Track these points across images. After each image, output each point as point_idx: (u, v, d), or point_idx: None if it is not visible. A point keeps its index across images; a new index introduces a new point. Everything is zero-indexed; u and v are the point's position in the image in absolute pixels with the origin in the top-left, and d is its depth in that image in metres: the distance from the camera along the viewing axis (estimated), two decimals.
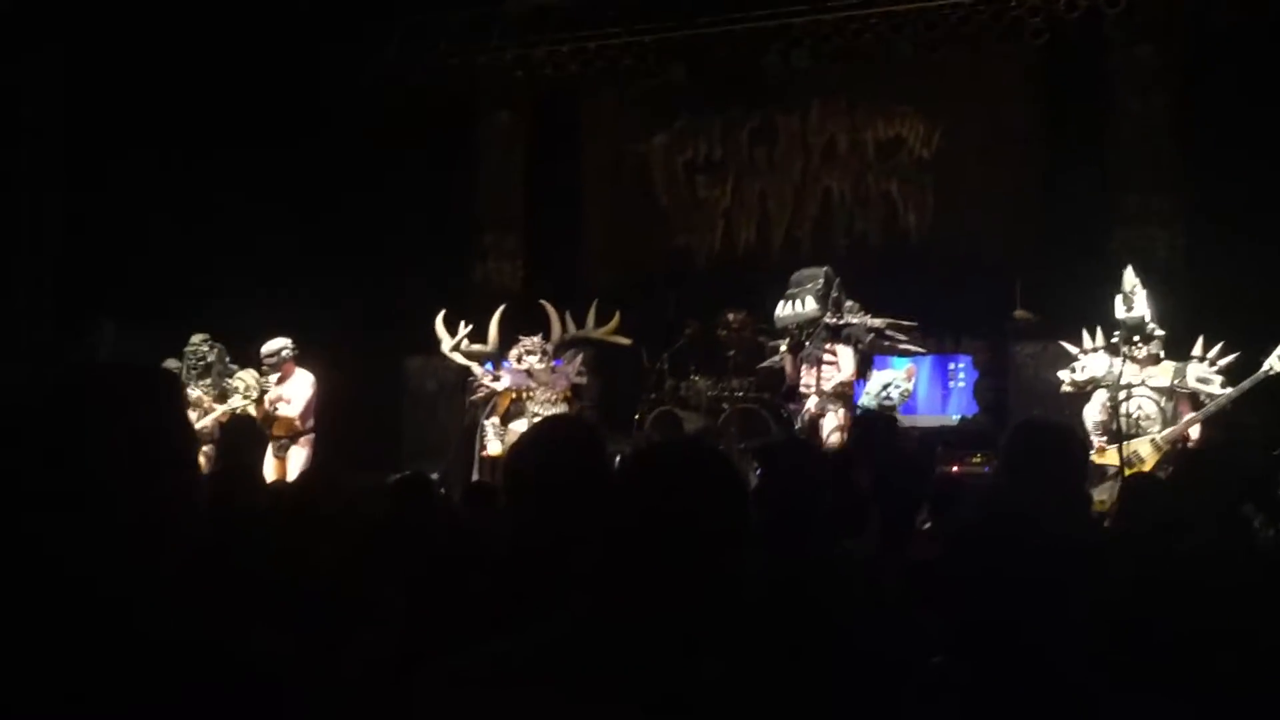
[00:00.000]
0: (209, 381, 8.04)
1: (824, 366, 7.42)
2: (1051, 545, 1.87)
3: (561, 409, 7.94)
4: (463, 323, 8.42)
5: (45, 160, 9.15)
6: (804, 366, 7.51)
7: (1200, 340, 6.88)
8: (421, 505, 3.84)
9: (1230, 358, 6.74)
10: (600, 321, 8.48)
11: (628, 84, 10.93)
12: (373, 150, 10.30)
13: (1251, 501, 3.43)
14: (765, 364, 8.22)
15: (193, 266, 9.04)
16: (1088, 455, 3.65)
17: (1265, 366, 6.55)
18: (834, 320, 7.45)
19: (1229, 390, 6.65)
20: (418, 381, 10.43)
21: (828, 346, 7.44)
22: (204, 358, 8.06)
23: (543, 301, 8.52)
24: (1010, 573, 1.80)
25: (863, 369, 7.69)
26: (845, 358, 7.45)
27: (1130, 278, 7.00)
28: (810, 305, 7.44)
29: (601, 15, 10.48)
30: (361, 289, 10.19)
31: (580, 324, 8.41)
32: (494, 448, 8.06)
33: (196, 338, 8.12)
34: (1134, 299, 6.91)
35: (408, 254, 10.47)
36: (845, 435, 7.17)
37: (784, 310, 7.56)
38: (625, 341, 8.67)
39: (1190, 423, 6.67)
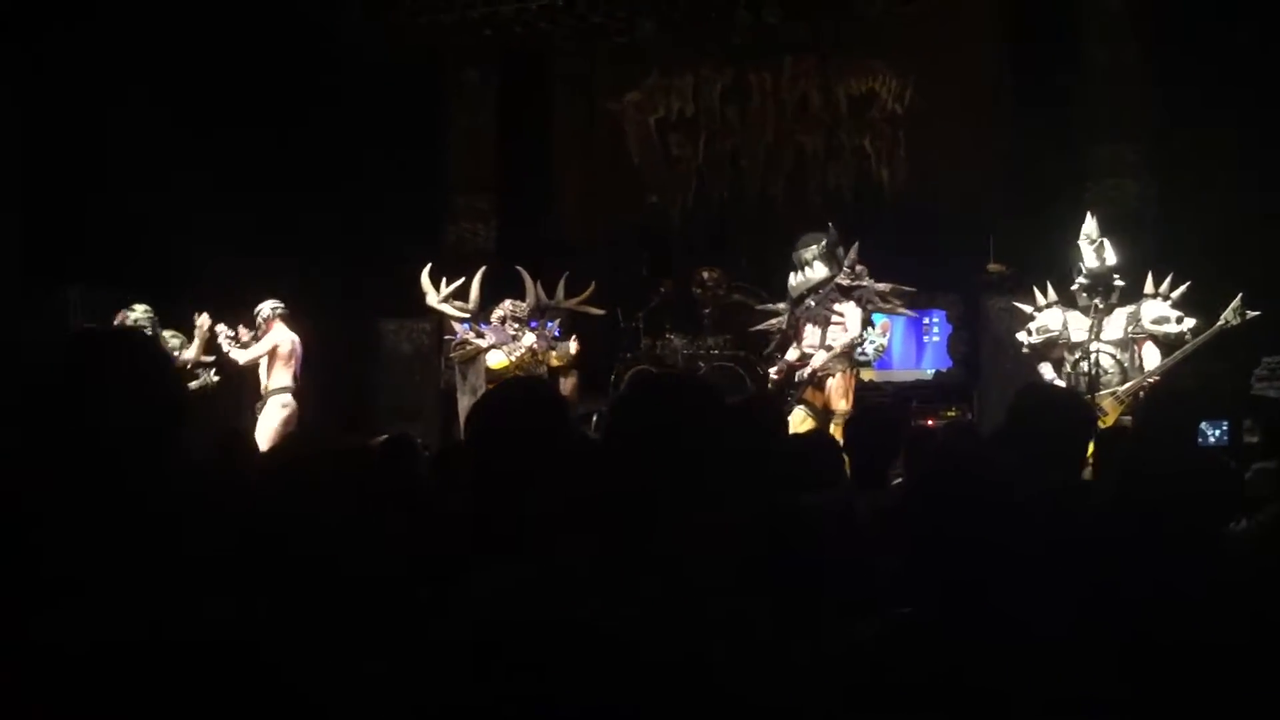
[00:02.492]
0: None
1: (831, 327, 7.36)
2: (1003, 499, 1.87)
3: (541, 371, 7.95)
4: (444, 280, 8.44)
5: (4, 122, 8.99)
6: (808, 325, 7.45)
7: (1150, 277, 6.83)
8: (407, 466, 3.85)
9: (1183, 288, 6.70)
10: (572, 291, 8.49)
11: (598, 41, 10.84)
12: (342, 111, 10.18)
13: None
14: (761, 326, 8.09)
15: (160, 229, 8.93)
16: (1092, 428, 3.57)
17: (1220, 320, 6.55)
18: (847, 281, 7.42)
19: (1185, 329, 6.61)
20: (393, 343, 10.40)
21: (835, 307, 7.38)
22: (145, 328, 8.05)
23: (519, 268, 8.50)
24: (960, 527, 1.81)
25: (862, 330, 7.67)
26: (853, 317, 7.38)
27: (1093, 226, 6.94)
28: (820, 269, 7.40)
29: None
30: (334, 252, 10.10)
31: (550, 294, 8.42)
32: None
33: (139, 308, 8.18)
34: (1102, 249, 6.88)
35: (380, 216, 10.38)
36: (850, 398, 7.24)
37: (795, 280, 7.51)
38: (598, 311, 8.68)
39: (1150, 375, 6.66)
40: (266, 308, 8.34)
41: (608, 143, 11.49)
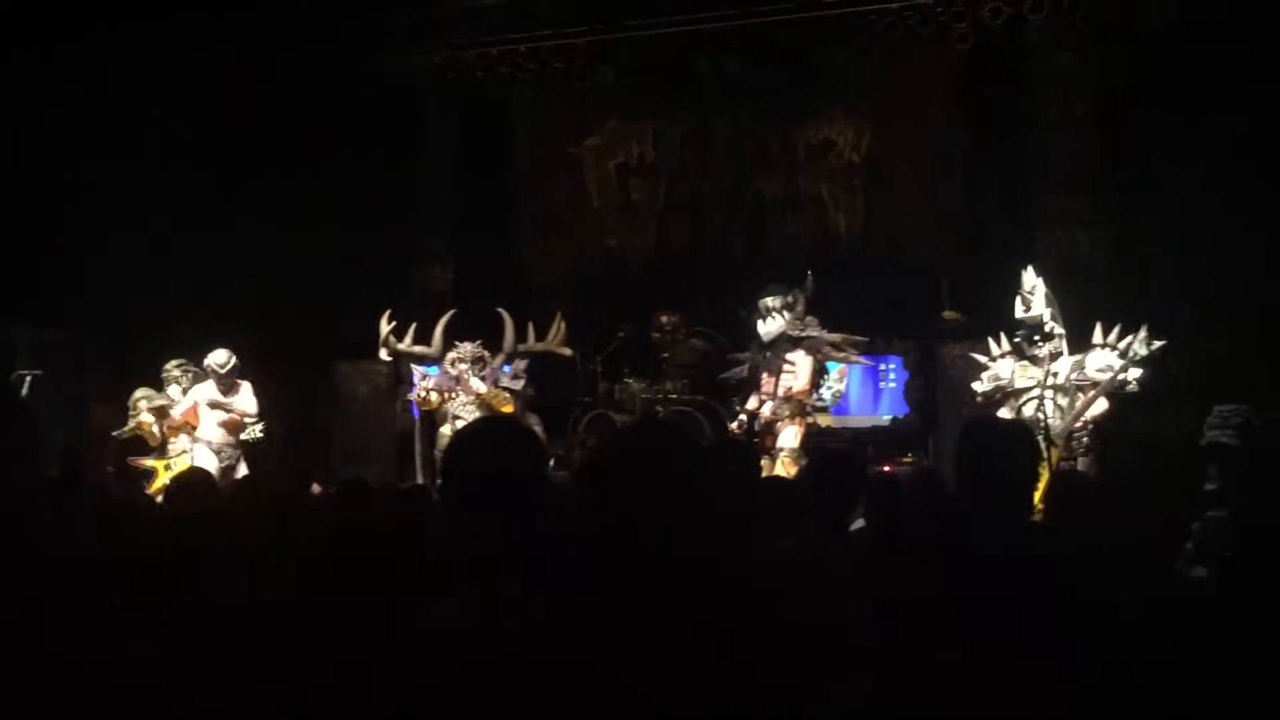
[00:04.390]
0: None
1: (783, 375, 7.90)
2: (990, 545, 1.88)
3: (481, 414, 7.94)
4: (414, 325, 8.55)
5: None
6: (764, 374, 7.98)
7: (1098, 327, 6.96)
8: (364, 510, 3.85)
9: (1129, 339, 6.78)
10: (540, 335, 8.64)
11: (559, 86, 10.91)
12: (304, 153, 10.15)
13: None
14: (726, 375, 8.55)
15: (112, 268, 8.84)
16: (1038, 457, 3.64)
17: (1130, 353, 6.63)
18: (796, 332, 7.93)
19: (1130, 377, 6.69)
20: (349, 386, 10.32)
21: (787, 356, 7.93)
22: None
23: (500, 310, 8.55)
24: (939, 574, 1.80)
25: (816, 378, 8.09)
26: (803, 367, 7.91)
27: (1030, 277, 7.12)
28: (780, 320, 7.96)
29: (532, 17, 10.46)
30: (291, 292, 10.03)
31: (522, 337, 8.54)
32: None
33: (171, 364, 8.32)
34: (1032, 299, 7.03)
35: (339, 257, 10.34)
36: (799, 439, 7.68)
37: (763, 328, 8.04)
38: (568, 352, 8.79)
39: (1077, 415, 6.75)
40: (234, 362, 8.27)
41: (568, 187, 11.53)
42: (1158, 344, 6.63)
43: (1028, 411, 6.83)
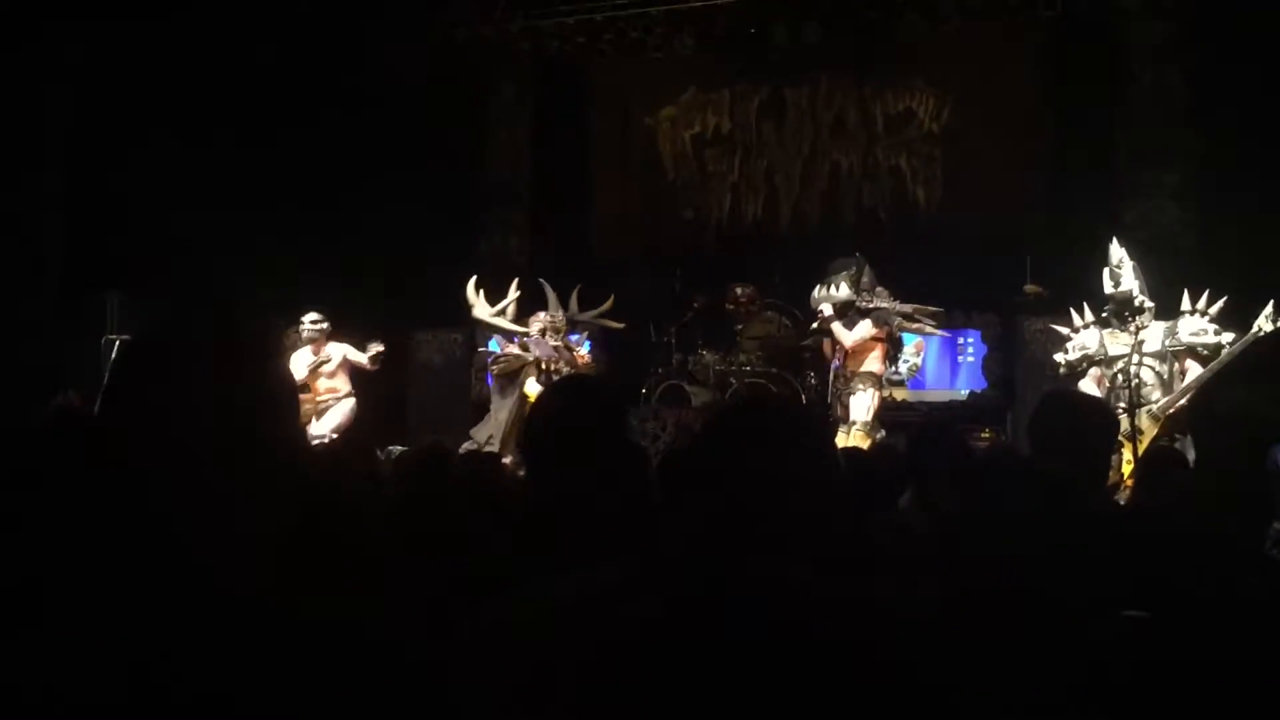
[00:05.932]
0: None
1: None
2: (1078, 512, 1.85)
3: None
4: (513, 288, 8.72)
5: (49, 134, 9.11)
6: (836, 348, 8.02)
7: (1185, 294, 6.81)
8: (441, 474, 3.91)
9: (1220, 303, 6.67)
10: (587, 304, 8.75)
11: (635, 56, 10.86)
12: (380, 125, 10.24)
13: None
14: (807, 342, 8.69)
15: (197, 241, 9.01)
16: (1116, 433, 3.58)
17: (1254, 328, 6.47)
18: (864, 304, 7.93)
19: (1224, 341, 6.55)
20: (424, 356, 10.43)
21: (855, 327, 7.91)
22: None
23: (541, 281, 8.63)
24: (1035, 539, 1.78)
25: (893, 351, 8.13)
26: (861, 327, 7.87)
27: (1116, 251, 6.94)
28: (844, 289, 7.94)
29: None
30: (368, 263, 10.15)
31: (565, 306, 8.71)
32: None
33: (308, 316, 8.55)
34: (1120, 273, 6.86)
35: (415, 229, 10.43)
36: (874, 415, 7.74)
37: (819, 292, 8.07)
38: (617, 325, 8.87)
39: (1184, 392, 6.60)
40: (324, 323, 8.55)
41: (643, 158, 11.49)
42: None
43: (1120, 379, 6.68)
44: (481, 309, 8.66)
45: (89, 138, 9.09)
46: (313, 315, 8.54)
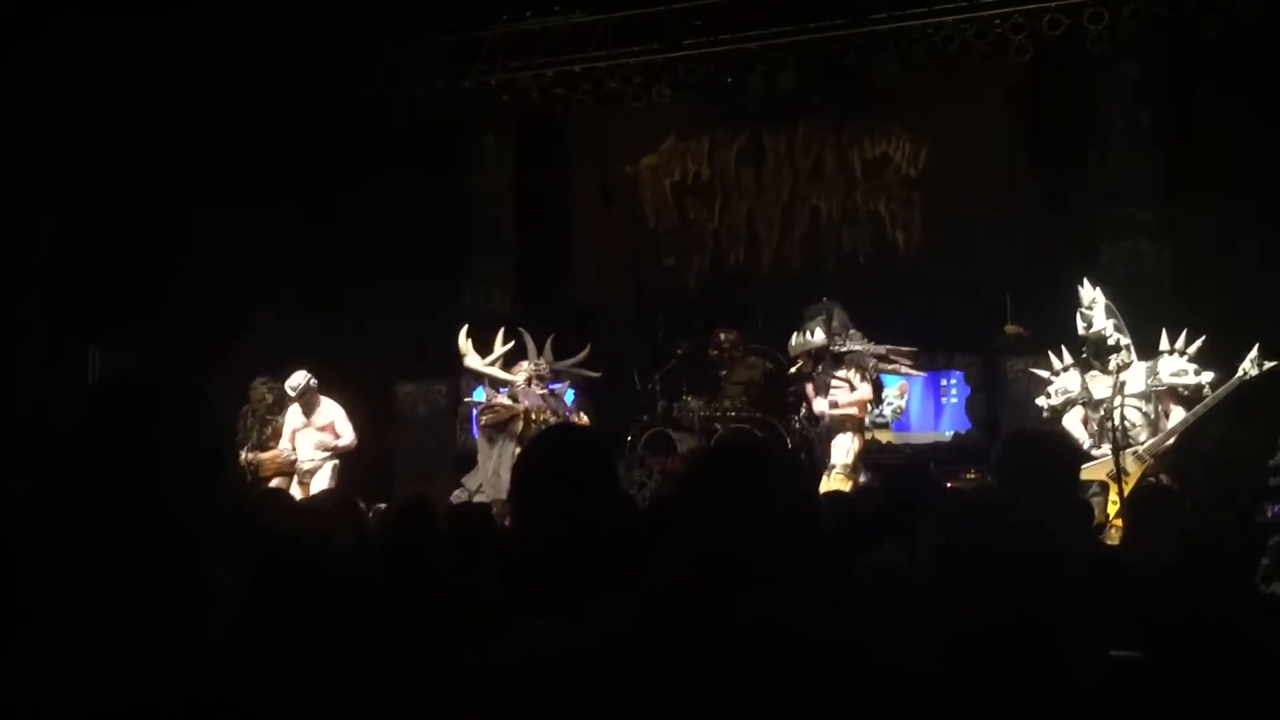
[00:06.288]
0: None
1: (833, 391, 8.09)
2: (1055, 554, 1.84)
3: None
4: (499, 338, 8.73)
5: (39, 178, 9.07)
6: (817, 394, 8.23)
7: (1164, 333, 6.84)
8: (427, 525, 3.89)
9: (1198, 343, 6.70)
10: (565, 354, 8.82)
11: (614, 106, 10.95)
12: (360, 176, 10.27)
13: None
14: (792, 388, 8.87)
15: (179, 292, 8.99)
16: (1081, 465, 3.62)
17: (1239, 371, 6.50)
18: (837, 348, 8.10)
19: (1204, 381, 6.58)
20: (408, 406, 10.40)
21: (836, 373, 8.10)
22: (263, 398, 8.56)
23: (520, 329, 8.66)
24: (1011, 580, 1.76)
25: (875, 393, 8.29)
26: (855, 380, 8.07)
27: (1088, 292, 6.97)
28: (818, 335, 8.15)
29: (586, 38, 10.51)
30: (350, 314, 10.14)
31: (540, 353, 8.78)
32: None
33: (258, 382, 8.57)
34: (1091, 314, 6.88)
35: (397, 279, 10.43)
36: (856, 458, 7.88)
37: (795, 340, 8.29)
38: (594, 374, 8.92)
39: (1170, 434, 6.61)
40: (311, 380, 8.49)
41: (624, 206, 11.55)
42: (1269, 364, 6.44)
43: (1108, 422, 6.69)
44: (474, 359, 8.66)
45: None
46: (300, 373, 8.48)
